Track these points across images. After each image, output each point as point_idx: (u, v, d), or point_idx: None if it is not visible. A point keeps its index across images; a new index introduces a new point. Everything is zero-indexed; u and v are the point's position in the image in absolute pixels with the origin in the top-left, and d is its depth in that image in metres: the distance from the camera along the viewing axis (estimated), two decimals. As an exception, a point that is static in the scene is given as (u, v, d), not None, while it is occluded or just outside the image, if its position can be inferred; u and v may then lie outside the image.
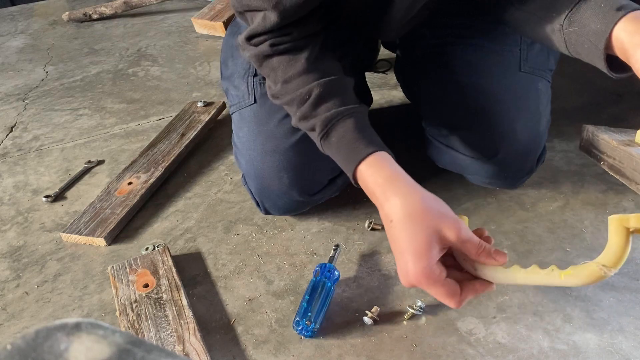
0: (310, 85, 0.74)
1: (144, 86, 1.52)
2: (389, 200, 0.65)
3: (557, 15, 0.70)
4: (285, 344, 0.75)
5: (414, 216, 0.63)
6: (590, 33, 0.65)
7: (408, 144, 1.10)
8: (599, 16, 0.64)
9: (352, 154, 0.70)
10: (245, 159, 0.89)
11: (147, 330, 0.77)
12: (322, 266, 0.81)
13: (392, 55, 1.35)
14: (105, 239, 0.96)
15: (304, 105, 0.75)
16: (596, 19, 0.65)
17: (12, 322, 0.84)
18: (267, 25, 0.74)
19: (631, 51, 0.61)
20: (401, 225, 0.63)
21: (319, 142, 0.75)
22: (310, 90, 0.74)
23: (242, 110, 0.91)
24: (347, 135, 0.72)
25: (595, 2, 0.66)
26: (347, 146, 0.71)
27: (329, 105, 0.74)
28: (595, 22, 0.65)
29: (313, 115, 0.74)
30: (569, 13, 0.68)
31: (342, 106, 0.74)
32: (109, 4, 2.03)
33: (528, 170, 0.91)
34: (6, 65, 1.76)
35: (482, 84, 0.87)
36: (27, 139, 1.33)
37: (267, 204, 0.91)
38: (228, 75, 0.97)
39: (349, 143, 0.71)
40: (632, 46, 0.61)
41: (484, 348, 0.72)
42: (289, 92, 0.76)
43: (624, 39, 0.62)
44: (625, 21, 0.62)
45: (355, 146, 0.71)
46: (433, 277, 0.61)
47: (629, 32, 0.62)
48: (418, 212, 0.63)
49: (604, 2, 0.65)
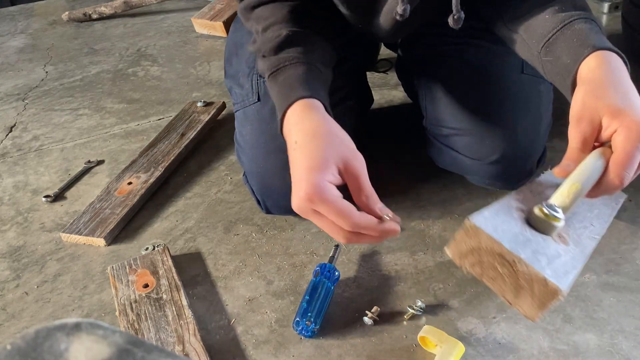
0: (284, 27, 0.75)
1: (143, 86, 1.52)
2: (298, 124, 0.65)
3: (537, 42, 0.72)
4: (285, 344, 0.75)
5: (318, 136, 0.63)
6: (562, 66, 0.67)
7: (408, 144, 1.10)
8: (570, 51, 0.66)
9: (287, 96, 0.69)
10: (248, 157, 0.89)
11: (147, 331, 0.77)
12: (322, 266, 0.81)
13: (393, 55, 1.35)
14: (105, 239, 0.95)
15: (270, 43, 0.75)
16: (568, 53, 0.66)
17: (12, 322, 0.84)
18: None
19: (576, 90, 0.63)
20: (303, 144, 0.63)
21: (267, 79, 0.74)
22: (280, 33, 0.75)
23: (246, 109, 0.91)
24: (292, 78, 0.71)
25: (570, 35, 0.68)
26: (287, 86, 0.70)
27: (291, 49, 0.74)
28: (566, 56, 0.67)
29: (271, 53, 0.74)
30: (546, 42, 0.70)
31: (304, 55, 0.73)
32: (109, 4, 2.03)
33: (528, 171, 0.91)
34: (6, 65, 1.75)
35: (484, 85, 0.87)
36: (26, 139, 1.33)
37: (269, 203, 0.91)
38: (232, 74, 0.97)
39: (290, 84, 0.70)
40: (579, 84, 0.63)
41: (484, 348, 0.71)
42: (265, 41, 0.76)
43: (584, 76, 0.63)
44: (589, 59, 0.64)
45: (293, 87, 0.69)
46: (325, 191, 0.59)
47: (589, 69, 0.63)
48: (323, 133, 0.63)
49: (577, 37, 0.67)
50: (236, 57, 0.97)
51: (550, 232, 0.60)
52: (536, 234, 0.59)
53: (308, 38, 0.77)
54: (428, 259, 0.86)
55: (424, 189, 1.00)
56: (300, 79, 0.71)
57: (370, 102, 1.17)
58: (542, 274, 0.52)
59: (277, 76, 0.73)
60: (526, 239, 0.57)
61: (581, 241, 0.62)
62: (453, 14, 0.71)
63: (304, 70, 0.72)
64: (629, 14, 1.32)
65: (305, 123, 0.66)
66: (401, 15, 0.72)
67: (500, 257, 0.54)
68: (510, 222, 0.59)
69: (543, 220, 0.59)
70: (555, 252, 0.58)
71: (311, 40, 0.77)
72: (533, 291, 0.53)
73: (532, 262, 0.53)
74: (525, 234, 0.58)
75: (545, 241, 0.58)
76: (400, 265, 0.85)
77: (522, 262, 0.53)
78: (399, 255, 0.87)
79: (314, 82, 0.72)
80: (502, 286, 0.55)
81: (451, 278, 0.82)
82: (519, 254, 0.53)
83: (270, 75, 0.74)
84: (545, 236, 0.59)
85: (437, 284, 0.81)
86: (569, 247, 0.60)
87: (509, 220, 0.59)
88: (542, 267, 0.53)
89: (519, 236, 0.57)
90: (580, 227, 0.65)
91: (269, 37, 0.76)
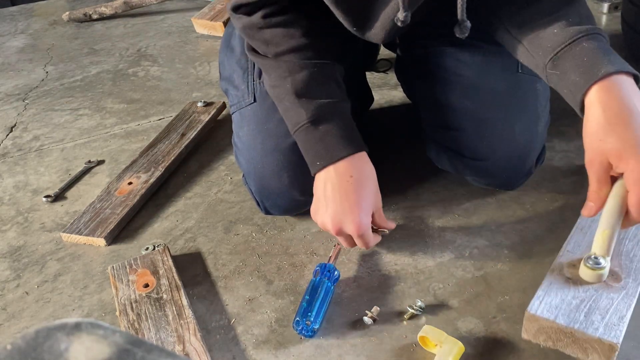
0: (305, 62, 0.79)
1: (144, 86, 1.52)
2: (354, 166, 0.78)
3: (543, 55, 0.72)
4: (285, 344, 0.75)
5: (370, 181, 0.79)
6: (570, 83, 0.68)
7: (408, 144, 1.10)
8: (580, 69, 0.67)
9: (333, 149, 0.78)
10: (246, 159, 0.89)
11: (147, 330, 0.77)
12: (322, 266, 0.81)
13: (392, 55, 1.35)
14: (105, 239, 0.96)
15: (295, 76, 0.79)
16: (576, 71, 0.67)
17: (12, 322, 0.84)
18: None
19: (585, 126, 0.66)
20: (359, 183, 0.77)
21: (303, 123, 0.79)
22: (304, 66, 0.79)
23: (242, 110, 0.91)
24: (334, 131, 0.78)
25: (579, 53, 0.68)
26: (330, 140, 0.78)
27: (321, 90, 0.79)
28: (575, 75, 0.67)
29: (305, 96, 0.79)
30: (553, 57, 0.70)
31: (334, 97, 0.80)
32: (109, 4, 2.03)
33: (527, 171, 0.91)
34: (6, 65, 1.76)
35: (481, 85, 0.87)
36: (27, 139, 1.33)
37: (268, 204, 0.91)
38: (227, 76, 0.97)
39: (333, 138, 0.78)
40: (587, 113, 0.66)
41: (483, 348, 0.71)
42: (281, 65, 0.80)
43: (593, 108, 0.65)
44: (600, 85, 0.65)
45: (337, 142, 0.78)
46: (368, 229, 0.79)
47: (598, 99, 0.65)
48: (372, 179, 0.80)
49: (587, 56, 0.67)
50: (229, 59, 0.97)
51: (601, 280, 0.67)
52: (588, 288, 0.67)
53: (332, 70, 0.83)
54: (428, 259, 0.86)
55: (424, 189, 1.00)
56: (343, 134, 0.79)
57: (370, 102, 1.17)
58: (596, 336, 0.61)
59: (319, 126, 0.78)
60: (579, 302, 0.65)
61: (633, 266, 0.70)
62: (459, 23, 0.71)
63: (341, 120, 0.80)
64: (629, 14, 1.32)
65: (359, 168, 0.79)
66: (402, 21, 0.72)
67: (561, 331, 0.63)
68: (563, 291, 0.67)
69: (590, 274, 0.67)
70: (608, 301, 0.65)
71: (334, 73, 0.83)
72: (596, 349, 0.62)
73: (585, 328, 0.62)
74: (578, 295, 0.66)
75: (597, 292, 0.66)
76: (400, 265, 0.85)
77: (577, 331, 0.62)
78: (399, 255, 0.87)
79: (355, 132, 0.81)
80: (574, 350, 0.64)
81: (451, 278, 0.82)
82: (573, 325, 0.62)
83: (309, 122, 0.78)
84: (597, 286, 0.67)
85: (437, 284, 0.81)
86: (621, 282, 0.67)
87: (561, 289, 0.67)
88: (596, 328, 0.62)
89: (572, 303, 0.65)
90: (632, 245, 0.73)
91: (290, 68, 0.80)
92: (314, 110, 0.78)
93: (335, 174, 0.78)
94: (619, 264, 0.70)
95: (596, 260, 0.67)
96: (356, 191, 0.77)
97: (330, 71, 0.82)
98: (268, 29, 0.80)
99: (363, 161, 0.79)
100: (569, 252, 0.73)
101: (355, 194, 0.77)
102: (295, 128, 0.80)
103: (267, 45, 0.81)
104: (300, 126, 0.79)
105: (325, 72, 0.81)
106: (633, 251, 0.72)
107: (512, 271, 0.82)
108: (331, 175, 0.78)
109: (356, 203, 0.77)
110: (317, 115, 0.78)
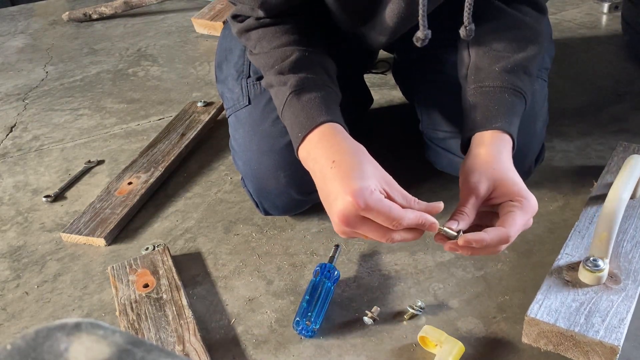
0: (294, 48, 0.78)
1: (144, 86, 1.52)
2: (333, 145, 0.68)
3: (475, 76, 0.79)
4: (285, 344, 0.75)
5: (360, 154, 0.66)
6: (472, 114, 0.76)
7: (408, 144, 1.10)
8: (486, 113, 0.75)
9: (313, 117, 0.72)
10: (243, 161, 0.89)
11: (147, 330, 0.77)
12: (322, 266, 0.81)
13: (391, 56, 1.35)
14: (105, 239, 0.96)
15: (284, 61, 0.77)
16: (483, 112, 0.75)
17: (12, 322, 0.84)
18: (254, 15, 0.79)
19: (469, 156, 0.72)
20: (343, 160, 0.64)
21: (287, 96, 0.75)
22: (293, 51, 0.78)
23: (237, 113, 0.91)
24: (317, 100, 0.73)
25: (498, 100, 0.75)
26: (312, 106, 0.73)
27: (308, 69, 0.77)
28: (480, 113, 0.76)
29: (290, 72, 0.76)
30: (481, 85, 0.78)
31: (322, 78, 0.78)
32: (109, 4, 2.03)
33: (526, 171, 0.91)
34: (6, 65, 1.76)
35: None
36: (27, 139, 1.33)
37: (266, 205, 0.91)
38: (223, 79, 0.98)
39: (315, 105, 0.73)
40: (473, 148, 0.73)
41: (484, 348, 0.71)
42: (272, 56, 0.79)
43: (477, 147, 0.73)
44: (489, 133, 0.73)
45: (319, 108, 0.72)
46: (372, 193, 0.59)
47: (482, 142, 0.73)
48: (363, 152, 0.67)
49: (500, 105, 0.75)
50: (226, 62, 0.97)
51: (600, 282, 0.68)
52: (587, 290, 0.67)
53: (322, 58, 0.80)
54: (428, 259, 0.86)
55: (423, 189, 1.00)
56: (324, 102, 0.73)
57: (369, 103, 1.17)
58: (597, 339, 0.62)
59: (301, 95, 0.74)
60: (579, 305, 0.66)
61: (632, 267, 0.70)
62: (465, 25, 0.71)
63: (326, 93, 0.75)
64: (629, 14, 1.32)
65: (342, 144, 0.68)
66: (422, 40, 0.70)
67: (561, 335, 0.64)
68: (562, 294, 0.67)
69: (590, 276, 0.68)
70: (608, 303, 0.66)
71: (323, 61, 0.80)
72: (597, 352, 0.62)
73: (586, 331, 0.62)
74: (578, 298, 0.66)
75: (597, 295, 0.67)
76: (400, 265, 0.85)
77: (578, 335, 0.62)
78: (399, 255, 0.87)
79: (337, 108, 0.75)
80: (575, 353, 0.64)
81: (451, 278, 0.82)
82: (573, 328, 0.63)
83: (292, 92, 0.75)
84: (597, 288, 0.68)
85: (437, 284, 0.81)
86: (621, 284, 0.68)
87: (561, 292, 0.68)
88: (597, 330, 0.62)
89: (571, 305, 0.66)
90: (631, 246, 0.74)
91: (280, 55, 0.78)
92: (297, 82, 0.75)
93: (318, 141, 0.69)
94: (617, 265, 0.71)
95: (595, 262, 0.68)
96: (343, 166, 0.64)
97: (319, 59, 0.79)
98: (262, 28, 0.80)
99: (343, 135, 0.70)
100: (568, 255, 0.73)
101: (344, 168, 0.64)
102: (282, 106, 0.76)
103: (261, 42, 0.80)
104: (285, 101, 0.75)
105: (313, 58, 0.78)
106: (631, 253, 0.72)
107: (512, 271, 0.82)
108: (313, 141, 0.70)
109: (347, 176, 0.62)
110: (301, 85, 0.74)
